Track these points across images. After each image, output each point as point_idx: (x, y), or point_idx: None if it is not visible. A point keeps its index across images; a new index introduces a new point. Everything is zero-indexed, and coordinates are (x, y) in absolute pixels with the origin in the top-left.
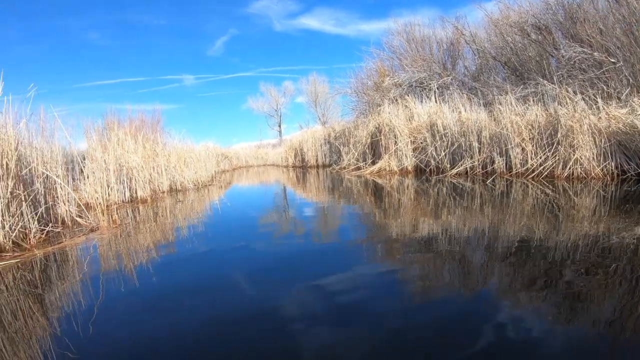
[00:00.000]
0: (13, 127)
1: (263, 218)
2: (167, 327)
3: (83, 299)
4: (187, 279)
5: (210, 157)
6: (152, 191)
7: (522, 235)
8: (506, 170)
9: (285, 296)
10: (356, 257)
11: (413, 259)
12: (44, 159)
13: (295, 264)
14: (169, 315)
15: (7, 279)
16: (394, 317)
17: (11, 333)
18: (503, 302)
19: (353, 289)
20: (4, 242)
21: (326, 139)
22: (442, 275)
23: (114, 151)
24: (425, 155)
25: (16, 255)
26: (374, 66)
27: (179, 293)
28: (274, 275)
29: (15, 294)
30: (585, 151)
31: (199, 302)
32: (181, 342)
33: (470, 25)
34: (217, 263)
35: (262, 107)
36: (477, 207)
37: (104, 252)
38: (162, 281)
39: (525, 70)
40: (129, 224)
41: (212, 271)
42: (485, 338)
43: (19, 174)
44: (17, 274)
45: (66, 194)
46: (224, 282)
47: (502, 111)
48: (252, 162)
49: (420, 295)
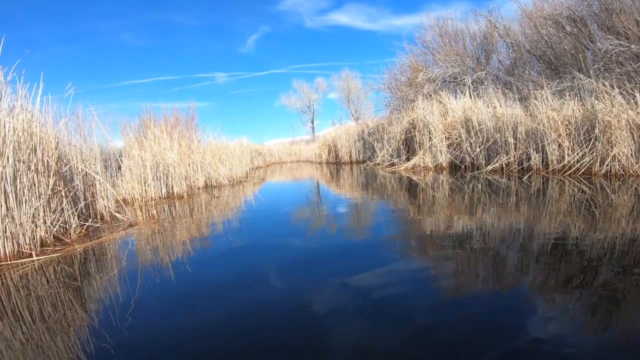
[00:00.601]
0: (53, 126)
1: (297, 214)
2: (202, 320)
3: (121, 292)
4: (222, 273)
5: (244, 154)
6: (188, 187)
7: (558, 233)
8: (542, 167)
9: (318, 290)
10: (390, 254)
11: (448, 256)
12: (82, 157)
13: (329, 259)
14: (204, 309)
15: (48, 272)
16: (427, 313)
17: (51, 324)
18: (537, 301)
19: (387, 285)
20: (46, 237)
21: (360, 135)
22: (477, 272)
23: (151, 148)
24: (460, 152)
25: (57, 250)
26: (407, 61)
27: (214, 287)
28: (307, 271)
29: (55, 286)
30: (623, 147)
31: (234, 296)
32: (215, 334)
33: (503, 19)
34: (252, 258)
35: (295, 103)
36: (512, 205)
37: (142, 247)
38: (198, 275)
39: (560, 64)
40: (166, 220)
41: (247, 266)
42: (519, 337)
43: (60, 171)
44: (58, 268)
45: (105, 190)
46: (258, 276)
47: (538, 106)
48: (286, 158)
49: (454, 292)
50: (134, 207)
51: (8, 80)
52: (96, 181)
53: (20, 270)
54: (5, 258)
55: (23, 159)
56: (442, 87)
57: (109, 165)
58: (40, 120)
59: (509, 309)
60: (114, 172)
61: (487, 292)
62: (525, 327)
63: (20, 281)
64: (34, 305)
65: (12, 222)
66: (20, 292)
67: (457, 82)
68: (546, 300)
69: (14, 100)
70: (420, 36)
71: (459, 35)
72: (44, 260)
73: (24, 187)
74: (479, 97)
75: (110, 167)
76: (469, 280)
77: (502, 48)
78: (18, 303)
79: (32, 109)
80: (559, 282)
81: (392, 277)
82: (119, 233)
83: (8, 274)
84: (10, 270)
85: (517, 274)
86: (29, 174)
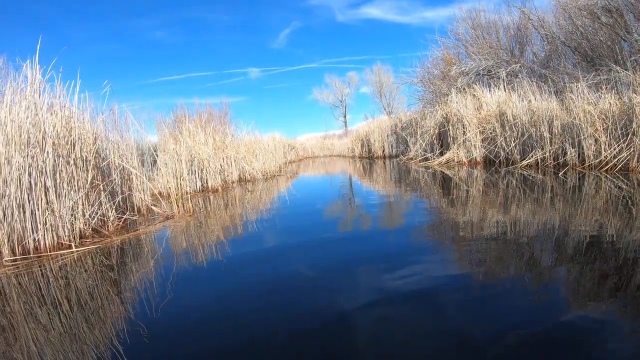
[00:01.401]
0: (90, 122)
1: (330, 209)
2: (235, 314)
3: (156, 283)
4: (256, 267)
5: (277, 148)
6: (223, 181)
7: (594, 232)
8: (578, 162)
9: (352, 284)
10: (423, 252)
11: (483, 254)
12: (119, 152)
13: (363, 254)
14: (237, 303)
15: (86, 263)
16: (459, 310)
17: (88, 313)
18: (572, 302)
19: (421, 281)
20: (85, 229)
21: (392, 130)
22: (511, 270)
23: (185, 143)
24: (495, 146)
25: (95, 241)
26: (440, 54)
27: (248, 281)
28: (340, 266)
29: (93, 276)
30: None
31: (267, 291)
32: (248, 329)
33: (537, 9)
34: (286, 253)
35: (327, 98)
36: (547, 201)
37: (177, 239)
38: (232, 268)
39: (596, 56)
40: (201, 213)
41: (282, 261)
42: (555, 335)
43: (98, 165)
44: (96, 259)
45: (141, 183)
46: (293, 271)
47: (574, 100)
48: (318, 152)
49: (488, 290)
50: (169, 201)
51: (46, 78)
52: (133, 175)
53: (60, 261)
54: (46, 249)
55: (62, 154)
56: (475, 81)
57: (145, 160)
58: (78, 116)
59: (542, 308)
60: (150, 166)
61: (522, 289)
62: (558, 327)
63: (59, 271)
64: (72, 294)
65: (52, 215)
66: (60, 281)
67: (490, 75)
68: (581, 300)
69: (52, 98)
70: (452, 29)
71: (492, 27)
72: (83, 251)
73: (63, 181)
74: (513, 91)
75: (146, 162)
76: (504, 278)
77: (536, 40)
78: (57, 292)
79: (70, 105)
80: (595, 282)
81: (428, 274)
82: (155, 226)
83: (48, 264)
84: (50, 260)
85: (552, 272)
86: (68, 168)
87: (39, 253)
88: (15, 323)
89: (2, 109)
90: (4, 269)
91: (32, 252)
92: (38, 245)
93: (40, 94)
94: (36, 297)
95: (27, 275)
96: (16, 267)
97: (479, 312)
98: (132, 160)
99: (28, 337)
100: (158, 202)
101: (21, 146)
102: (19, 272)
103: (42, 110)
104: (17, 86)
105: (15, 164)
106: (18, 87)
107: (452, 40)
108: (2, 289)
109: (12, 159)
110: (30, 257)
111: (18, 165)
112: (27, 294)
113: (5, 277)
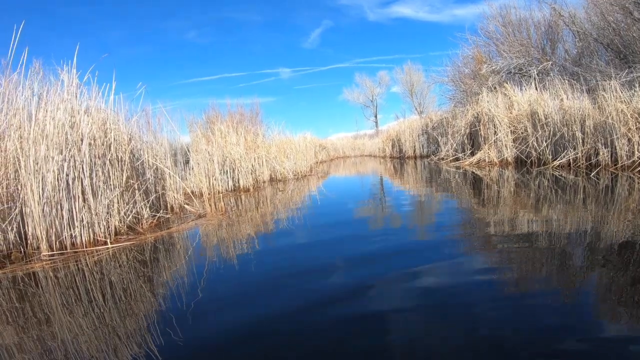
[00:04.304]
0: (125, 123)
1: (361, 209)
2: (265, 312)
3: (188, 280)
4: (287, 266)
5: (308, 148)
6: (254, 181)
7: (627, 234)
8: (611, 163)
9: (381, 285)
10: (454, 252)
11: (514, 256)
12: (153, 152)
13: (392, 254)
14: (268, 301)
15: (120, 259)
16: (487, 313)
17: (121, 307)
18: (601, 306)
19: (449, 283)
20: (120, 226)
21: (423, 129)
22: (541, 273)
23: (217, 143)
24: (526, 146)
25: (130, 238)
26: (470, 53)
27: (279, 280)
28: (371, 266)
29: (127, 272)
30: None
31: (297, 289)
32: (278, 327)
33: (568, 6)
34: (317, 254)
35: (358, 98)
36: (579, 203)
37: (209, 237)
38: (263, 267)
39: (629, 53)
40: (233, 212)
41: (311, 259)
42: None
43: (132, 165)
44: (130, 255)
45: (174, 183)
46: (323, 272)
47: (606, 98)
48: (349, 152)
49: (517, 293)
50: (202, 200)
51: (83, 82)
52: (166, 175)
53: (95, 257)
54: (82, 245)
55: (98, 154)
56: (506, 79)
57: (178, 160)
58: (113, 118)
59: (570, 312)
60: (182, 166)
61: (551, 292)
62: (590, 330)
63: (94, 267)
64: (106, 289)
65: (89, 212)
66: (95, 276)
67: (522, 74)
68: (611, 305)
69: (88, 100)
70: (483, 27)
71: (522, 25)
72: (117, 248)
73: (99, 180)
74: (544, 89)
75: (178, 162)
76: (533, 281)
77: (567, 37)
78: (92, 287)
79: (105, 107)
80: (627, 285)
81: (456, 276)
82: (188, 224)
83: (84, 260)
84: (86, 256)
85: (583, 277)
86: (104, 168)
87: (75, 249)
88: (52, 315)
89: (41, 111)
90: (41, 263)
91: (69, 248)
92: (75, 241)
93: (77, 97)
94: (72, 290)
95: (63, 269)
96: (53, 262)
97: (512, 316)
98: (165, 160)
99: (64, 329)
100: (191, 201)
101: (60, 147)
102: (56, 267)
103: (79, 114)
104: (55, 90)
105: (54, 164)
106: (56, 91)
107: (482, 38)
108: (40, 282)
109: (51, 158)
110: (67, 252)
111: (57, 165)
112: (64, 288)
113: (43, 271)
